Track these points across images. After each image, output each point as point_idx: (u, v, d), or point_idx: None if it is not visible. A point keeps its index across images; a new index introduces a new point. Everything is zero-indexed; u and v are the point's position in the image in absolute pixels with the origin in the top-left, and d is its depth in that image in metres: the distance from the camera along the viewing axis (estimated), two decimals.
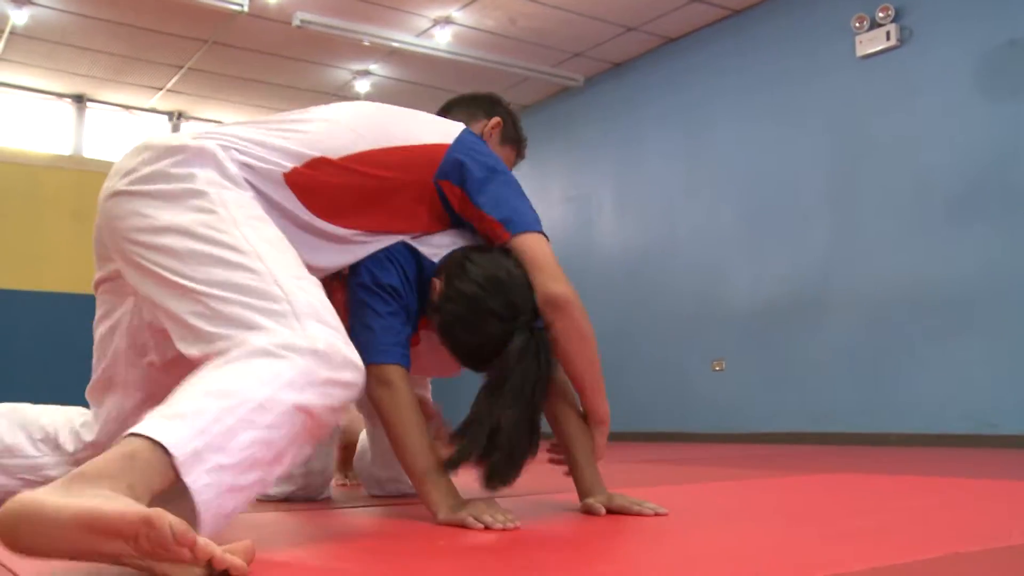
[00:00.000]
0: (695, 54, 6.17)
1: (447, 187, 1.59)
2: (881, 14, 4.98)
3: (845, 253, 5.14)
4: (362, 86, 7.01)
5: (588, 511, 1.60)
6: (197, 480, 1.07)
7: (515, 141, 2.06)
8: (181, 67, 6.68)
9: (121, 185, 1.42)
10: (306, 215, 1.50)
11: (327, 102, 1.73)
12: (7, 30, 5.98)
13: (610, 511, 1.58)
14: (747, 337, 5.61)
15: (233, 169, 1.43)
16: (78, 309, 6.89)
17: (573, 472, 1.67)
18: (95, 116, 7.43)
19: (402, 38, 6.14)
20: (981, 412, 4.45)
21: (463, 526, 1.42)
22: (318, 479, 2.10)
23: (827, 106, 5.32)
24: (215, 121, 7.82)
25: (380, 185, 1.54)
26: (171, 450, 1.06)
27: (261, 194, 1.45)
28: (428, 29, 6.09)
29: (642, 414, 6.18)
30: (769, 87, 5.64)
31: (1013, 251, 4.42)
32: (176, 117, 7.66)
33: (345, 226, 1.54)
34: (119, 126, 7.53)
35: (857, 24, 5.10)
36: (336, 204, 1.52)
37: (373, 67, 6.73)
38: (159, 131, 7.61)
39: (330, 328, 1.27)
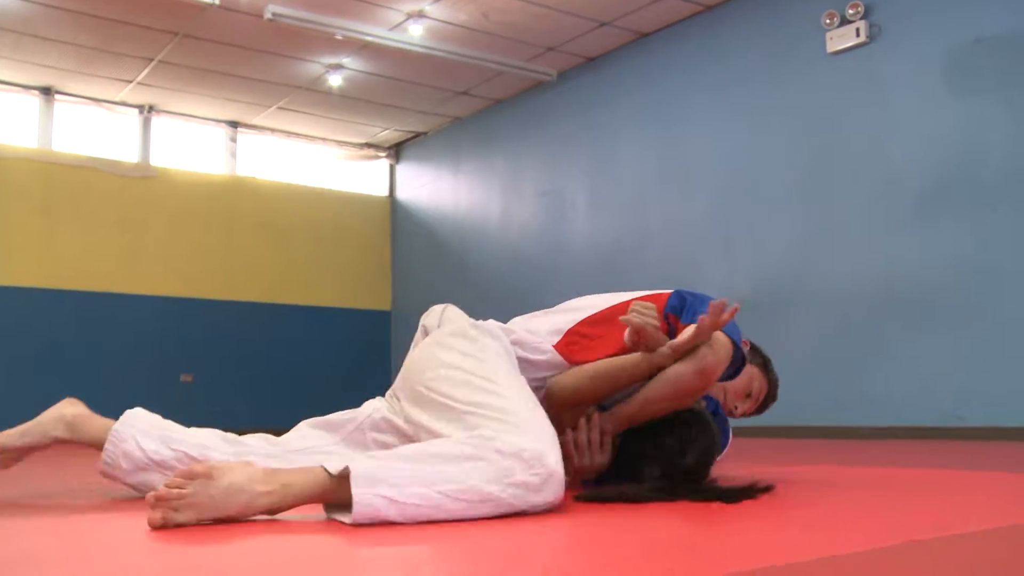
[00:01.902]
0: (668, 49, 6.19)
1: (672, 319, 1.96)
2: (851, 11, 5.03)
3: (815, 248, 5.19)
4: (335, 80, 6.97)
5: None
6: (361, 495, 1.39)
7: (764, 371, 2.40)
8: (151, 60, 6.62)
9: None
10: (560, 361, 1.94)
11: (299, 96, 1.73)
12: None
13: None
14: None
15: (507, 342, 1.90)
16: (44, 304, 6.85)
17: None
18: (63, 109, 7.34)
19: (375, 32, 6.12)
20: (948, 405, 4.51)
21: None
22: None
23: (798, 102, 5.36)
24: (187, 115, 7.77)
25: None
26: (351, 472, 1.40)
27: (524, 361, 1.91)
28: (401, 23, 6.07)
29: None
30: (741, 83, 5.68)
31: (980, 246, 4.48)
32: (147, 110, 7.58)
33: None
34: (88, 119, 7.45)
35: (827, 21, 5.14)
36: (587, 350, 1.95)
37: (346, 60, 6.70)
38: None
39: (543, 442, 1.54)
